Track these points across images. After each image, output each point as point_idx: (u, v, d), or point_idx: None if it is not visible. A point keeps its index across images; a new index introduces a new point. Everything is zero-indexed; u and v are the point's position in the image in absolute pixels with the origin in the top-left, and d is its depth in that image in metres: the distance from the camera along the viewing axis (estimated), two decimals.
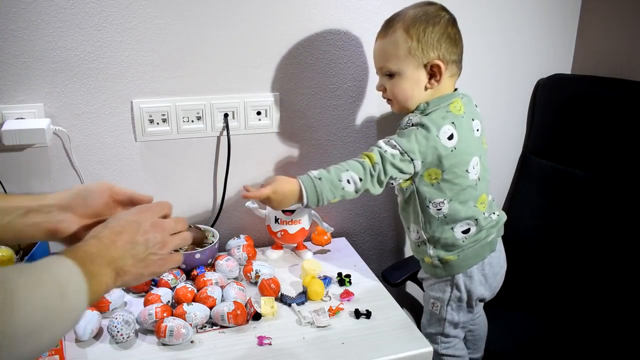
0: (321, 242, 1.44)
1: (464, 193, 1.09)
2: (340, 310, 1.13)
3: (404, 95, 1.07)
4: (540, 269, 1.39)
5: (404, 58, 1.04)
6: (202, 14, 1.23)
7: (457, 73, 1.09)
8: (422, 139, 1.02)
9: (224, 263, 1.24)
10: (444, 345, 1.19)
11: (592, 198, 1.31)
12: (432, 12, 1.04)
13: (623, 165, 1.26)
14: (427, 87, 1.06)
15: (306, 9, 1.30)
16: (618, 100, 1.28)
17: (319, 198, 1.01)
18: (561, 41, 1.59)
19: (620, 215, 1.26)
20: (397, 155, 1.02)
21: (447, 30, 1.03)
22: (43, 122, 1.16)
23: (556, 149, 1.39)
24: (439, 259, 1.14)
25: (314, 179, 1.01)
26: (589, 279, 1.32)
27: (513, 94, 1.52)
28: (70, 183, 1.27)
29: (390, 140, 1.04)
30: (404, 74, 1.05)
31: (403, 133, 1.05)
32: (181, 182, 1.36)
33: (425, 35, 1.02)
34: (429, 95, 1.07)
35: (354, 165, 1.02)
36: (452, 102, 1.07)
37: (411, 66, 1.04)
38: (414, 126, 1.03)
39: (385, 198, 1.57)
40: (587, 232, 1.32)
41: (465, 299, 1.15)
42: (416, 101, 1.07)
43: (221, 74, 1.29)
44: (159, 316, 1.03)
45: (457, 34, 1.06)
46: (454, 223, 1.10)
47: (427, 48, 1.02)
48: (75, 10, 1.15)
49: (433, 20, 1.03)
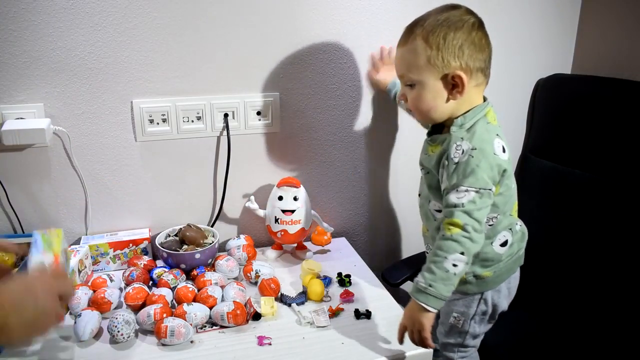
0: (321, 242, 1.44)
1: (510, 203, 1.05)
2: (340, 310, 1.13)
3: (426, 106, 1.00)
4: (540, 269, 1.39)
5: (424, 67, 0.96)
6: (202, 14, 1.23)
7: (484, 81, 1.01)
8: (484, 164, 0.95)
9: (224, 263, 1.24)
10: (460, 355, 1.16)
11: (592, 198, 1.31)
12: (455, 17, 0.96)
13: (623, 165, 1.26)
14: (449, 98, 0.98)
15: (306, 9, 1.30)
16: (618, 100, 1.28)
17: (442, 299, 0.94)
18: (561, 41, 1.59)
19: (620, 215, 1.26)
20: (476, 198, 0.94)
21: (470, 35, 0.96)
22: (43, 122, 1.16)
23: (556, 149, 1.39)
24: (474, 275, 1.08)
25: (427, 290, 0.93)
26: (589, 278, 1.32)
27: (513, 94, 1.52)
28: (70, 183, 1.27)
29: (459, 188, 0.95)
30: (425, 84, 0.98)
31: (463, 170, 0.95)
32: (181, 182, 1.36)
33: (445, 42, 0.94)
34: (455, 107, 1.00)
35: (448, 246, 0.94)
36: (486, 112, 1.01)
37: (432, 76, 0.97)
38: (466, 154, 0.95)
39: (386, 198, 1.57)
40: (587, 232, 1.32)
41: (489, 313, 1.12)
42: (440, 112, 1.00)
43: (221, 74, 1.29)
44: (158, 317, 1.03)
45: (483, 38, 0.98)
46: (494, 236, 1.06)
47: (447, 56, 0.95)
48: (75, 10, 1.15)
49: (455, 26, 0.95)
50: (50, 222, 1.28)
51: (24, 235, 1.24)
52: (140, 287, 1.13)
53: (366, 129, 1.47)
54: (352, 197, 1.53)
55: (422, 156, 1.10)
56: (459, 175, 0.96)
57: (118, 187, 1.31)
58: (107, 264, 1.30)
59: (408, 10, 1.36)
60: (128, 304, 1.11)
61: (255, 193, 1.41)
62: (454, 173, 0.96)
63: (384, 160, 1.52)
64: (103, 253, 1.28)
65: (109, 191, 1.31)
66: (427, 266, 0.96)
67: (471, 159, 0.95)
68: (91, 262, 1.27)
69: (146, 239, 1.31)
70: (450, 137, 0.99)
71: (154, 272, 1.22)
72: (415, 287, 0.95)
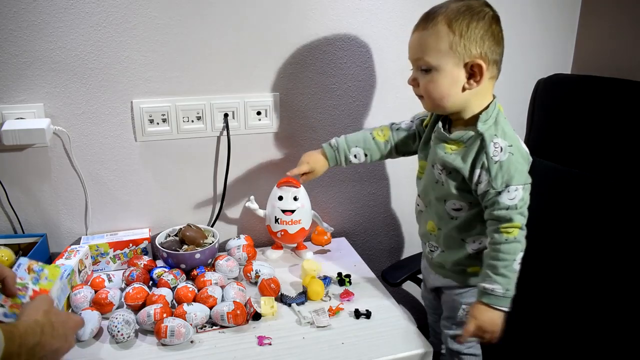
0: (321, 242, 1.44)
1: None
2: (340, 310, 1.13)
3: (440, 93, 0.98)
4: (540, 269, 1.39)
5: (444, 52, 0.95)
6: (202, 14, 1.23)
7: (496, 75, 1.01)
8: (520, 159, 0.97)
9: (224, 263, 1.24)
10: (467, 345, 1.16)
11: (592, 198, 1.31)
12: (477, 7, 0.96)
13: (623, 165, 1.26)
14: (465, 87, 0.97)
15: (306, 9, 1.30)
16: (618, 100, 1.28)
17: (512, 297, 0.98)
18: (561, 41, 1.60)
19: (621, 215, 1.26)
20: (524, 194, 0.97)
21: (491, 27, 0.96)
22: (43, 122, 1.16)
23: (556, 149, 1.39)
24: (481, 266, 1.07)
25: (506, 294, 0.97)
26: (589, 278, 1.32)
27: (513, 94, 1.52)
28: (71, 183, 1.27)
29: (509, 188, 0.96)
30: (443, 70, 0.96)
31: (508, 169, 0.96)
32: (181, 182, 1.36)
33: (468, 30, 0.94)
34: (467, 98, 0.99)
35: (514, 248, 0.97)
36: (499, 107, 1.02)
37: (451, 62, 0.95)
38: (506, 152, 0.97)
39: (386, 198, 1.57)
40: (587, 232, 1.32)
41: None
42: (452, 101, 0.99)
43: (221, 74, 1.29)
44: (158, 317, 1.03)
45: (500, 32, 0.98)
46: None
47: (469, 44, 0.94)
48: (75, 10, 1.15)
49: (478, 16, 0.95)
50: (50, 222, 1.29)
51: (24, 236, 1.24)
52: (140, 287, 1.13)
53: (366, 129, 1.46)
54: (352, 197, 1.53)
55: (437, 155, 1.05)
56: (504, 175, 0.96)
57: (118, 187, 1.31)
58: (107, 264, 1.30)
59: (408, 10, 1.36)
60: (128, 304, 1.11)
61: (255, 193, 1.41)
62: (498, 173, 0.96)
63: (383, 160, 1.52)
64: (103, 253, 1.28)
65: (109, 191, 1.31)
66: (495, 271, 0.97)
67: (512, 157, 0.96)
68: (91, 262, 1.27)
69: (146, 239, 1.31)
70: (481, 135, 0.98)
71: (154, 272, 1.22)
72: (491, 295, 0.97)
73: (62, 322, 0.80)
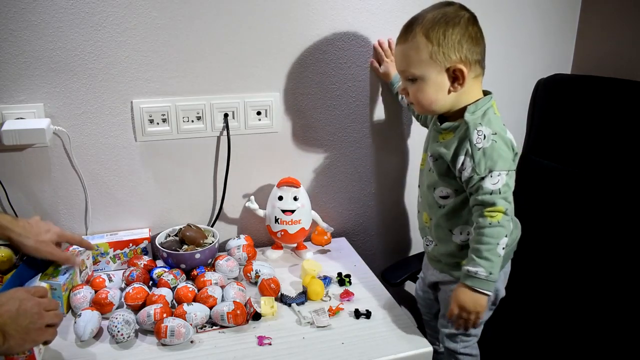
0: (321, 242, 1.44)
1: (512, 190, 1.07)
2: (340, 310, 1.13)
3: (428, 99, 1.04)
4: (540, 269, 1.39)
5: (426, 62, 1.00)
6: (202, 14, 1.23)
7: (481, 72, 1.06)
8: (504, 146, 1.00)
9: (224, 263, 1.24)
10: (463, 344, 1.17)
11: (592, 198, 1.31)
12: (451, 13, 1.01)
13: (623, 165, 1.26)
14: (450, 90, 1.03)
15: (306, 9, 1.30)
16: (618, 100, 1.28)
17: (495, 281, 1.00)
18: (561, 41, 1.59)
19: (620, 215, 1.26)
20: (508, 180, 0.99)
21: (467, 30, 1.00)
22: (43, 122, 1.16)
23: (556, 149, 1.39)
24: None
25: (489, 278, 0.98)
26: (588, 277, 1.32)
27: (513, 94, 1.52)
28: (71, 183, 1.27)
29: (492, 173, 0.98)
30: (427, 79, 1.02)
31: (490, 155, 0.99)
32: (181, 182, 1.36)
33: (445, 38, 0.99)
34: (455, 98, 1.04)
35: (497, 232, 0.98)
36: (492, 104, 1.05)
37: (433, 71, 1.01)
38: (489, 139, 0.99)
39: (386, 198, 1.57)
40: (587, 232, 1.32)
41: (492, 299, 1.13)
42: (441, 104, 1.04)
43: (221, 74, 1.29)
44: (158, 317, 1.03)
45: (479, 32, 1.03)
46: None
47: (448, 51, 0.99)
48: (75, 10, 1.15)
49: (453, 22, 1.00)
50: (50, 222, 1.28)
51: None
52: (140, 287, 1.13)
53: (366, 129, 1.47)
54: (352, 197, 1.53)
55: (431, 145, 1.11)
56: (487, 161, 0.99)
57: (118, 187, 1.31)
58: (107, 264, 1.30)
59: (408, 9, 1.36)
60: (128, 304, 1.11)
61: (255, 193, 1.41)
62: (481, 159, 0.99)
63: (383, 160, 1.52)
64: (103, 253, 1.28)
65: (109, 191, 1.31)
66: (479, 255, 0.99)
67: (495, 144, 0.99)
68: (92, 262, 1.26)
69: (146, 239, 1.31)
70: (467, 124, 1.02)
71: (154, 272, 1.23)
72: (474, 277, 0.98)
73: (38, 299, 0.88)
